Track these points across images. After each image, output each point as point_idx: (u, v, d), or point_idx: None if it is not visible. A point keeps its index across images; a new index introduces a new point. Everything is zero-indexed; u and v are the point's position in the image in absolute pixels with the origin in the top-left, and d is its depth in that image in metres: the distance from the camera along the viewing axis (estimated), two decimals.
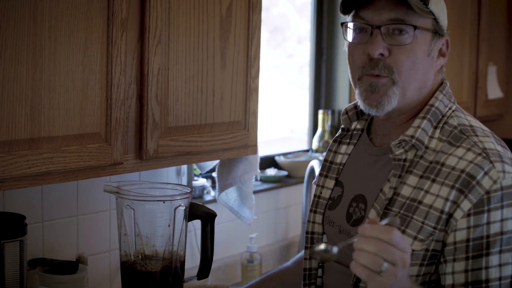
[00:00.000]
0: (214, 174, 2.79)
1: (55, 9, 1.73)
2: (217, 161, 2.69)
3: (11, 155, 1.67)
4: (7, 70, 1.64)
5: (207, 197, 2.94)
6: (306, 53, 3.89)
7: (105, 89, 1.89)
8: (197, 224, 2.41)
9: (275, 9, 3.94)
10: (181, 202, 2.08)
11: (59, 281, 2.08)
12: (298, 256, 2.18)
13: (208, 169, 2.76)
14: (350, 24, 1.76)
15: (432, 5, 1.70)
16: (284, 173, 3.45)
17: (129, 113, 1.99)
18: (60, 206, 2.30)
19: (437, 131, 1.73)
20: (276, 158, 3.55)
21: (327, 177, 1.94)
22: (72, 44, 1.78)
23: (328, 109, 3.74)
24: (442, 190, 1.64)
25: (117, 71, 1.91)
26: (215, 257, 2.28)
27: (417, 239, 1.65)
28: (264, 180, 3.35)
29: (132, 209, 2.04)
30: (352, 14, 1.77)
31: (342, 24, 1.78)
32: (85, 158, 1.85)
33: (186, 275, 2.21)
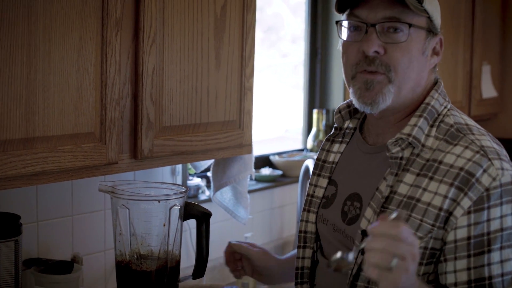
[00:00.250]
0: (209, 174, 2.79)
1: (50, 9, 1.73)
2: (212, 161, 2.69)
3: (6, 155, 1.67)
4: (2, 70, 1.64)
5: (202, 197, 2.94)
6: (300, 53, 3.90)
7: (100, 89, 1.89)
8: (192, 224, 2.41)
9: (269, 9, 3.94)
10: (176, 202, 2.08)
11: (54, 281, 2.08)
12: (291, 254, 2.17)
13: (203, 169, 2.76)
14: (345, 23, 1.77)
15: (427, 4, 1.71)
16: (279, 173, 3.45)
17: (124, 113, 1.99)
18: (55, 206, 2.30)
19: (434, 130, 1.73)
20: (271, 158, 3.56)
21: (320, 176, 1.94)
22: (67, 44, 1.78)
23: (323, 109, 3.74)
24: (441, 188, 1.64)
25: (112, 71, 1.91)
26: (210, 257, 2.28)
27: (416, 237, 1.64)
28: (259, 180, 3.35)
29: (127, 209, 2.04)
30: (347, 13, 1.77)
31: (337, 23, 1.79)
32: (80, 158, 1.85)
33: (182, 275, 2.21)
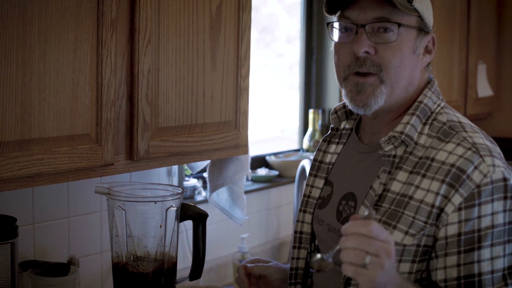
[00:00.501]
0: (205, 175, 2.79)
1: (45, 10, 1.72)
2: (208, 161, 2.69)
3: (1, 157, 1.66)
4: None
5: (198, 198, 2.93)
6: (296, 53, 3.89)
7: (96, 90, 1.88)
8: (189, 225, 2.41)
9: (264, 9, 3.94)
10: (173, 203, 2.07)
11: (51, 283, 2.07)
12: None
13: (199, 169, 2.76)
14: (336, 24, 1.78)
15: (417, 3, 1.71)
16: (275, 173, 3.45)
17: (120, 114, 1.99)
18: (51, 208, 2.29)
19: (426, 127, 1.74)
20: (267, 158, 3.55)
21: (317, 177, 1.94)
22: (62, 45, 1.78)
23: (319, 109, 3.74)
24: (433, 185, 1.65)
25: (107, 72, 1.90)
26: (207, 258, 2.28)
27: (408, 234, 1.65)
28: (255, 180, 3.35)
29: (124, 210, 2.03)
30: (338, 14, 1.78)
31: (328, 24, 1.79)
32: (76, 159, 1.84)
33: (178, 276, 2.21)
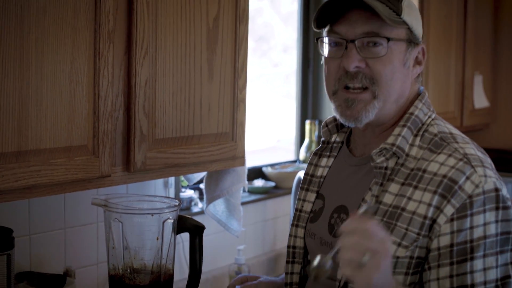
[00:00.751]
0: (202, 186, 2.78)
1: (42, 22, 1.72)
2: (205, 173, 2.68)
3: None
4: None
5: (195, 209, 2.93)
6: (292, 62, 3.90)
7: (93, 101, 1.88)
8: (185, 237, 2.40)
9: (260, 19, 3.94)
10: (170, 215, 2.07)
11: None
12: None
13: (196, 181, 2.75)
14: (326, 39, 1.78)
15: (405, 15, 1.72)
16: (272, 184, 3.44)
17: (117, 125, 1.98)
18: (48, 219, 2.28)
19: (418, 139, 1.74)
20: (264, 169, 3.55)
21: (308, 190, 1.94)
22: (59, 57, 1.77)
23: (315, 120, 3.74)
24: (425, 196, 1.65)
25: (105, 83, 1.90)
26: (203, 269, 2.27)
27: (401, 246, 1.65)
28: (252, 191, 3.35)
29: (120, 222, 2.03)
30: (327, 29, 1.78)
31: (317, 39, 1.80)
32: (73, 171, 1.84)
33: None
